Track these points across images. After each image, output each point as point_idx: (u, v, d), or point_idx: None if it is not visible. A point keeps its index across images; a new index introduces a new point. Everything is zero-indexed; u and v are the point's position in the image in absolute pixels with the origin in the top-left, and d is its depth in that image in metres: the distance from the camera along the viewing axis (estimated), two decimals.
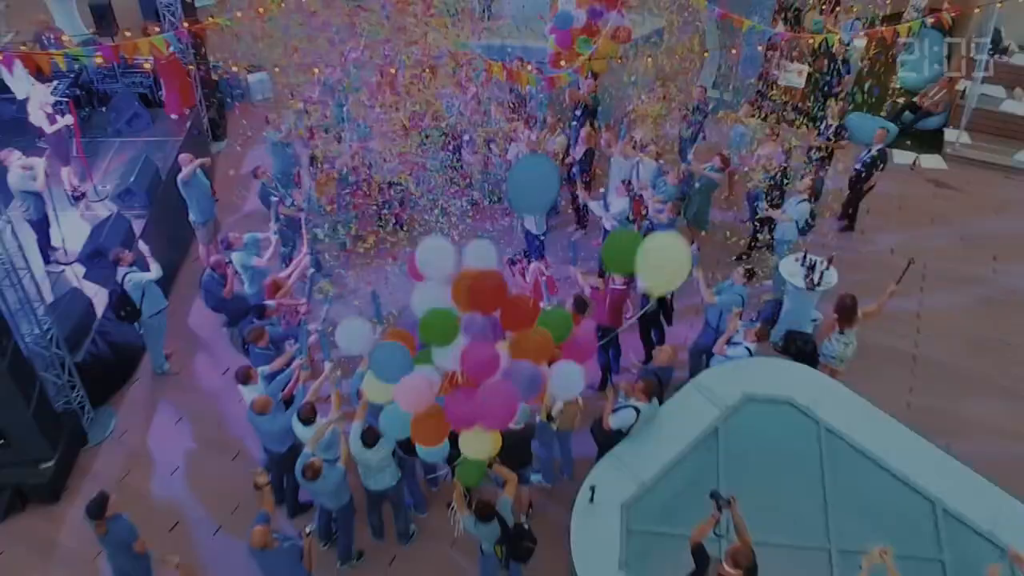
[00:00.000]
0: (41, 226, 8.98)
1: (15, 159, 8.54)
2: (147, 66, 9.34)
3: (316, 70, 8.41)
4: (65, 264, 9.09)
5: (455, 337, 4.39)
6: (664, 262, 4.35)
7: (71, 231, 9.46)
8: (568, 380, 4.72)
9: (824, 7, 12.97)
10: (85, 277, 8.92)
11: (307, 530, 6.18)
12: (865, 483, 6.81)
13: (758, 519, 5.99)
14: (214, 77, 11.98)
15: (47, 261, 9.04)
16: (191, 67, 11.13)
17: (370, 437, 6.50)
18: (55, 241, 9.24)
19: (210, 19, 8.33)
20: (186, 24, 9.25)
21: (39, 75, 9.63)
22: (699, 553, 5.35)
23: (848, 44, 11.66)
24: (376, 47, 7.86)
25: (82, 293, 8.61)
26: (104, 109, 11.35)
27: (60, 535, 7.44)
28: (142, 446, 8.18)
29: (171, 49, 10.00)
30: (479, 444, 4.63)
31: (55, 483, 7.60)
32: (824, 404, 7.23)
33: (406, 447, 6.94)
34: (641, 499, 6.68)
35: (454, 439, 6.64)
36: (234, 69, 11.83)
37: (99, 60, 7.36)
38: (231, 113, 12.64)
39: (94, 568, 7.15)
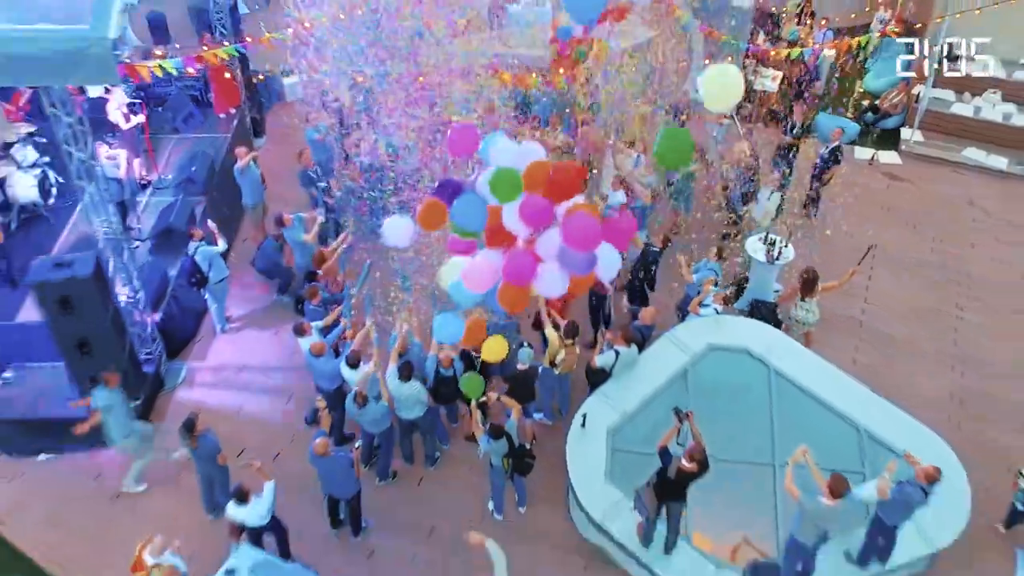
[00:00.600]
0: (120, 208, 10.51)
1: (101, 151, 10.11)
2: (226, 75, 10.86)
3: (359, 78, 9.88)
4: (140, 240, 10.67)
5: (519, 193, 5.19)
6: (720, 80, 4.81)
7: (142, 213, 11.05)
8: (608, 259, 5.47)
9: (798, 19, 14.49)
10: (156, 251, 10.52)
11: (356, 445, 7.82)
12: (805, 414, 8.39)
13: (717, 442, 7.57)
14: (255, 81, 13.53)
15: None
16: (238, 72, 12.66)
17: (404, 373, 8.06)
18: (130, 221, 10.81)
19: (267, 34, 9.85)
20: (249, 37, 10.76)
21: None
22: (664, 454, 6.90)
23: (819, 55, 13.12)
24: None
25: (159, 264, 10.19)
26: (161, 109, 12.89)
27: None
28: (209, 391, 9.75)
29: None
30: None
31: (141, 418, 9.13)
32: (775, 353, 8.81)
33: (434, 395, 8.53)
34: (624, 426, 8.29)
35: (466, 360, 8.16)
36: (287, 79, 13.14)
37: (190, 71, 8.91)
38: (269, 113, 14.22)
39: (176, 484, 8.74)
